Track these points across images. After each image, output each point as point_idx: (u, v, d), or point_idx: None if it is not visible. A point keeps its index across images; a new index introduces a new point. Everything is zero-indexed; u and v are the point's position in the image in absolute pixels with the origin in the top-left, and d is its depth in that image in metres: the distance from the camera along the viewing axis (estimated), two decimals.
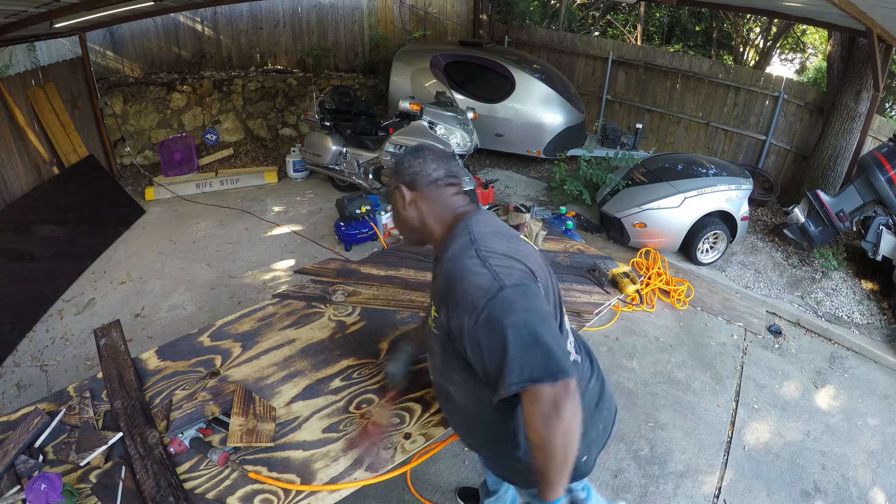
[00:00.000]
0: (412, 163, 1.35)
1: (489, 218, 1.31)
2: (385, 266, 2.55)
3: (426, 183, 1.33)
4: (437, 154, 1.37)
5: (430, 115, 4.77)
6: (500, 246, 1.17)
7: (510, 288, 1.07)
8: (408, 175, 1.34)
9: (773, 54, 12.50)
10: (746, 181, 4.62)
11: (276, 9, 7.26)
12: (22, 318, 3.60)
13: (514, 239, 1.24)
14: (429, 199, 1.34)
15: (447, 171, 1.35)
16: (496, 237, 1.21)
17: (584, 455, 1.36)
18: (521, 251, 1.19)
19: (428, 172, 1.33)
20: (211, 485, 1.45)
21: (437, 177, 1.34)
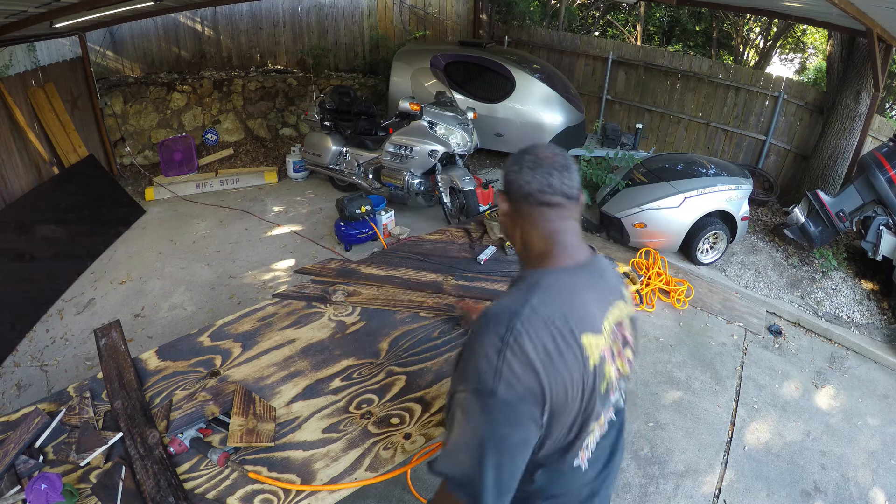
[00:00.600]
0: (510, 167, 1.09)
1: (571, 282, 1.02)
2: (385, 266, 2.55)
3: (518, 196, 1.08)
4: (538, 160, 1.06)
5: (430, 115, 4.77)
6: (533, 347, 0.91)
7: (498, 400, 0.90)
8: (506, 181, 1.11)
9: (773, 54, 12.50)
10: (746, 181, 4.62)
11: (276, 9, 7.26)
12: (22, 318, 3.60)
13: (563, 345, 0.94)
14: (522, 215, 1.09)
15: (542, 186, 1.04)
16: (549, 324, 0.93)
17: None
18: (555, 365, 0.92)
19: (520, 183, 1.06)
20: (211, 485, 1.45)
21: (528, 191, 1.05)
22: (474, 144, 4.94)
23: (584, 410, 0.99)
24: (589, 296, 1.02)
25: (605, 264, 1.12)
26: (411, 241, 2.85)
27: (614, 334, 1.06)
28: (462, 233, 2.95)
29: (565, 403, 0.95)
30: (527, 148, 1.11)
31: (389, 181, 5.10)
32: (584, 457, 1.09)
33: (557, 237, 1.07)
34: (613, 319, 1.06)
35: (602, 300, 1.05)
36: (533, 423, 0.93)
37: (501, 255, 2.72)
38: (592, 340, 0.98)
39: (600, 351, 1.00)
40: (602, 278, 1.08)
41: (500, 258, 2.69)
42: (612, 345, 1.04)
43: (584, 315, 0.99)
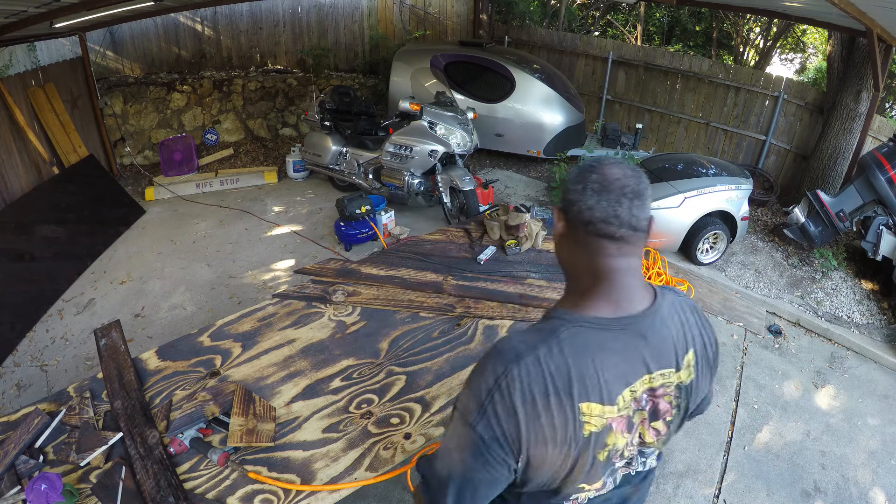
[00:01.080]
0: (573, 185, 0.92)
1: (596, 341, 0.90)
2: (385, 266, 2.55)
3: (576, 221, 0.92)
4: (606, 182, 0.89)
5: (430, 115, 4.77)
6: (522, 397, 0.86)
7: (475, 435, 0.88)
8: (565, 199, 0.95)
9: (773, 54, 12.50)
10: (746, 181, 4.62)
11: (276, 9, 7.26)
12: (22, 318, 3.60)
13: (556, 404, 0.87)
14: (577, 242, 0.94)
15: (607, 216, 0.88)
16: (548, 380, 0.87)
17: None
18: (540, 421, 0.86)
19: (581, 207, 0.90)
20: (211, 485, 1.45)
21: (588, 219, 0.89)
22: (474, 144, 4.94)
23: (570, 472, 0.93)
24: (612, 361, 0.90)
25: (660, 320, 0.95)
26: (411, 241, 2.85)
27: (638, 403, 0.94)
28: (462, 233, 2.95)
29: (544, 459, 0.90)
30: (594, 165, 0.93)
31: (389, 181, 5.10)
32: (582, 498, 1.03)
33: (611, 277, 0.92)
34: (645, 387, 0.94)
35: (634, 367, 0.92)
36: (502, 467, 0.89)
37: (501, 255, 2.72)
38: (595, 409, 0.89)
39: (605, 421, 0.91)
40: (645, 340, 0.92)
41: (500, 258, 2.69)
42: (632, 414, 0.94)
43: (593, 382, 0.88)
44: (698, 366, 1.00)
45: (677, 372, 0.97)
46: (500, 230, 2.85)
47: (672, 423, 1.01)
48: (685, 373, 0.98)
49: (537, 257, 2.72)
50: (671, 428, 1.02)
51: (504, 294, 2.37)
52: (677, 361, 0.96)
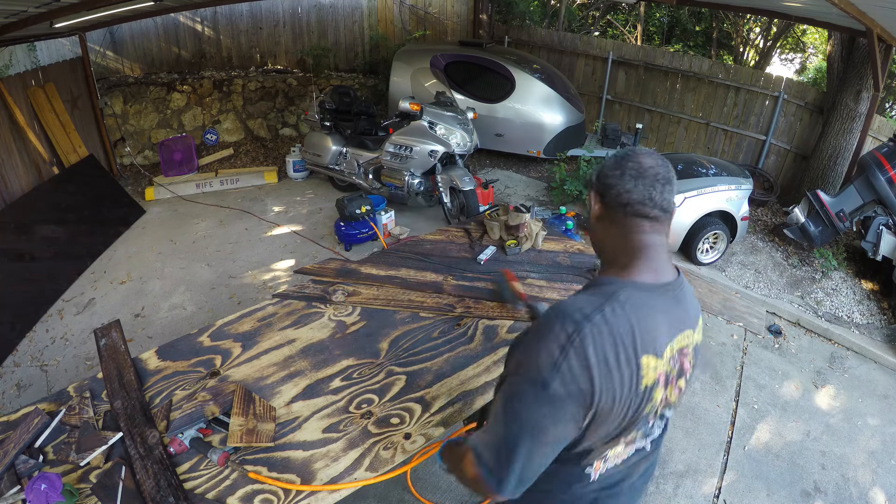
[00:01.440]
0: (610, 171, 1.05)
1: (648, 300, 1.00)
2: (385, 266, 2.55)
3: (615, 203, 1.04)
4: (642, 169, 1.02)
5: (430, 115, 4.77)
6: (595, 353, 0.92)
7: (549, 393, 0.93)
8: (602, 185, 1.07)
9: (773, 54, 12.50)
10: (746, 181, 4.62)
11: (276, 9, 7.26)
12: (22, 318, 3.60)
13: (624, 360, 0.94)
14: (615, 223, 1.06)
15: (643, 198, 1.01)
16: (616, 336, 0.94)
17: None
18: (611, 376, 0.93)
19: (619, 191, 1.03)
20: (211, 485, 1.45)
21: (626, 201, 1.02)
22: (474, 144, 4.94)
23: (622, 426, 1.01)
24: (660, 318, 1.01)
25: (685, 289, 1.10)
26: (411, 241, 2.85)
27: (674, 361, 1.04)
28: (462, 233, 2.95)
29: (609, 414, 0.96)
30: (630, 153, 1.06)
31: (389, 181, 5.10)
32: (598, 468, 1.10)
33: (647, 252, 1.05)
34: (678, 346, 1.05)
35: (672, 325, 1.04)
36: (573, 424, 0.95)
37: (501, 255, 2.72)
38: (651, 362, 0.98)
39: (657, 374, 0.99)
40: (679, 303, 1.06)
41: (500, 258, 2.69)
42: (669, 370, 1.03)
43: (650, 336, 0.98)
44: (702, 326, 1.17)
45: (695, 333, 1.11)
46: (500, 230, 2.85)
47: (690, 381, 1.13)
48: (699, 335, 1.13)
49: (537, 257, 2.72)
50: (686, 387, 1.13)
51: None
52: (695, 323, 1.11)
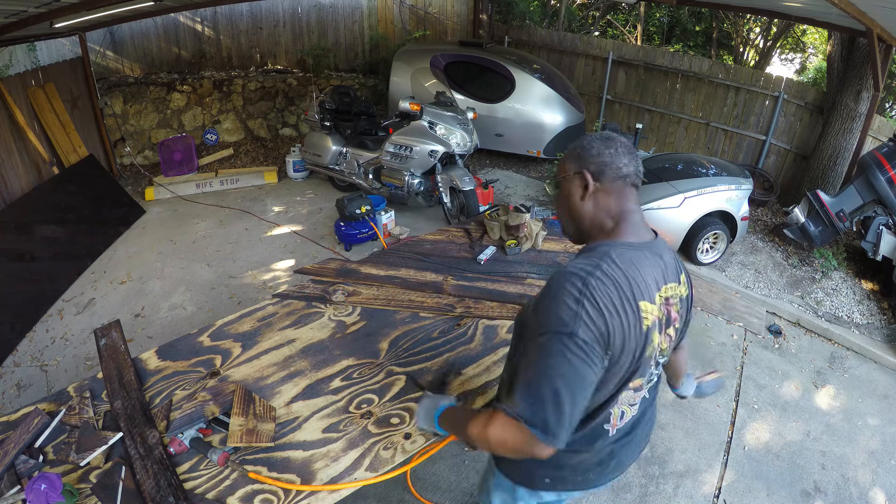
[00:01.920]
0: (603, 151, 1.20)
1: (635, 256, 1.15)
2: (385, 266, 2.55)
3: (615, 176, 1.19)
4: (628, 148, 1.22)
5: (430, 115, 4.77)
6: (604, 300, 1.05)
7: (577, 340, 1.03)
8: (595, 163, 1.20)
9: (773, 54, 12.50)
10: (746, 181, 4.62)
11: (276, 9, 7.26)
12: (22, 318, 3.60)
13: (626, 303, 1.08)
14: (609, 193, 1.21)
15: (636, 170, 1.22)
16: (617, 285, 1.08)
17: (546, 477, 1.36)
18: (619, 318, 1.07)
19: (619, 165, 1.19)
20: (211, 485, 1.45)
21: (626, 173, 1.20)
22: (474, 144, 4.94)
23: (631, 367, 1.14)
24: (648, 270, 1.15)
25: (664, 247, 1.25)
26: (411, 241, 2.85)
27: (663, 308, 1.19)
28: (462, 233, 2.95)
29: (620, 356, 1.10)
30: (609, 135, 1.23)
31: (389, 181, 5.10)
32: (615, 423, 1.26)
33: (632, 215, 1.21)
34: (665, 295, 1.19)
35: (658, 276, 1.18)
36: (600, 365, 1.07)
37: (501, 255, 2.72)
38: (648, 307, 1.13)
39: (653, 318, 1.14)
40: (661, 258, 1.21)
41: (500, 258, 2.69)
42: (661, 316, 1.18)
43: (643, 284, 1.13)
44: (689, 283, 1.32)
45: (680, 286, 1.25)
46: (500, 230, 2.85)
47: (679, 331, 1.28)
48: (684, 287, 1.28)
49: (537, 257, 2.72)
50: (677, 335, 1.28)
51: (504, 294, 2.37)
52: (679, 277, 1.26)
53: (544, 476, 1.36)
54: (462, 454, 2.68)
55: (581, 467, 1.33)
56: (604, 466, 1.35)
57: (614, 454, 1.34)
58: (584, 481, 1.37)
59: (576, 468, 1.33)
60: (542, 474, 1.35)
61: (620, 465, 1.40)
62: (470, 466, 2.61)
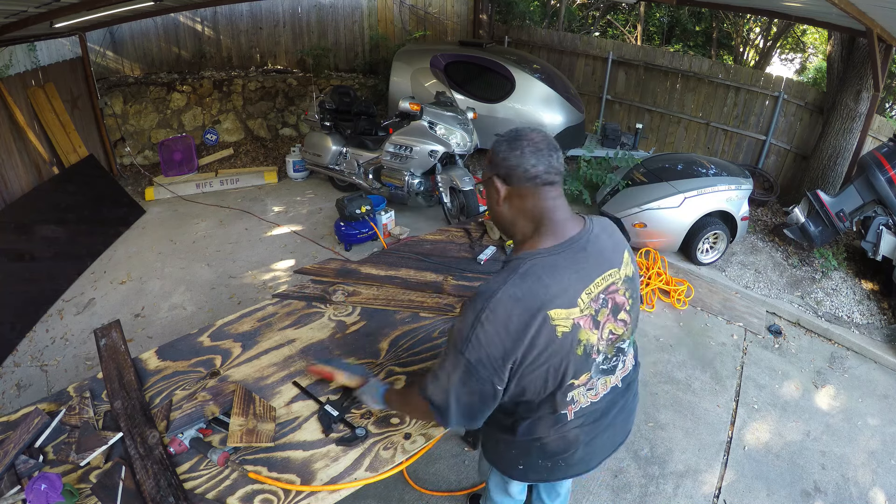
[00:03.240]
0: (508, 154, 1.19)
1: (550, 263, 1.17)
2: (385, 266, 2.55)
3: (523, 178, 1.18)
4: (537, 145, 1.18)
5: (430, 115, 4.77)
6: (501, 321, 1.12)
7: (465, 359, 1.16)
8: (503, 167, 1.20)
9: (773, 54, 12.50)
10: (746, 181, 4.62)
11: (276, 9, 7.26)
12: (22, 318, 3.60)
13: (529, 318, 1.12)
14: (524, 196, 1.20)
15: (547, 168, 1.18)
16: (515, 307, 1.12)
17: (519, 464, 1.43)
18: (521, 335, 1.12)
19: (526, 167, 1.17)
20: (211, 485, 1.45)
21: (535, 173, 1.17)
22: (474, 144, 4.94)
23: (557, 369, 1.18)
24: (564, 274, 1.16)
25: (594, 236, 1.24)
26: (411, 241, 2.85)
27: (597, 302, 1.20)
28: (462, 233, 2.95)
29: (536, 363, 1.15)
30: (518, 134, 1.21)
31: (389, 181, 5.10)
32: (570, 409, 1.29)
33: (552, 214, 1.21)
34: (599, 289, 1.21)
35: (583, 274, 1.19)
36: (488, 384, 1.17)
37: (501, 255, 2.72)
38: (561, 314, 1.14)
39: (572, 321, 1.16)
40: (585, 252, 1.21)
41: (500, 258, 2.69)
42: (594, 313, 1.20)
43: (554, 292, 1.14)
44: (631, 258, 1.33)
45: (620, 269, 1.26)
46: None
47: (632, 311, 1.30)
48: (626, 268, 1.28)
49: None
50: (632, 315, 1.31)
51: None
52: (617, 261, 1.26)
53: (517, 462, 1.42)
54: (462, 454, 2.68)
55: (547, 451, 1.36)
56: (571, 452, 1.37)
57: (579, 440, 1.36)
58: (553, 468, 1.40)
59: (542, 452, 1.37)
60: (514, 461, 1.42)
61: (593, 453, 1.41)
62: (470, 466, 2.62)
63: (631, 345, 1.37)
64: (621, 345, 1.30)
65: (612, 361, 1.31)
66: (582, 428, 1.34)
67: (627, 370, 1.39)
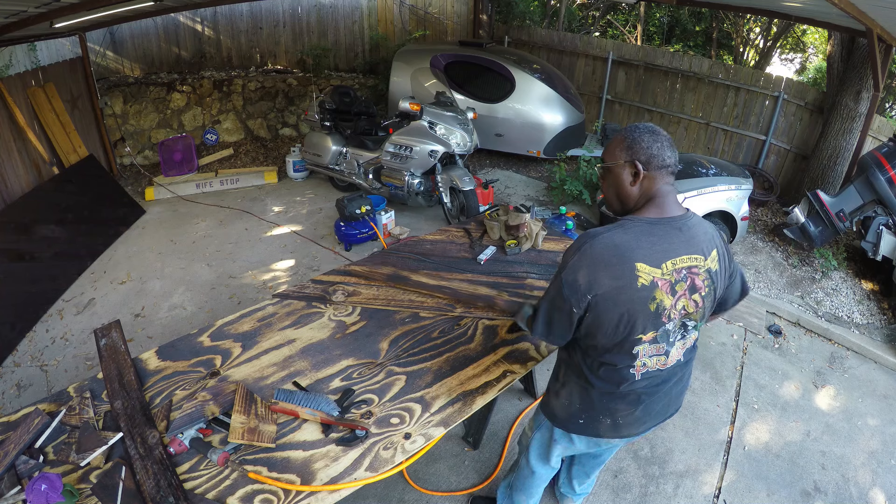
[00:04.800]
0: (652, 144, 1.42)
1: (648, 228, 1.38)
2: (385, 266, 2.55)
3: (659, 166, 1.42)
4: (670, 141, 1.45)
5: (430, 115, 4.77)
6: (594, 257, 1.35)
7: (561, 278, 1.41)
8: (645, 154, 1.42)
9: (773, 54, 12.50)
10: (746, 181, 4.61)
11: (276, 9, 7.26)
12: (22, 318, 3.60)
13: (618, 262, 1.34)
14: (653, 179, 1.43)
15: (676, 160, 1.45)
16: (609, 250, 1.35)
17: (581, 418, 1.61)
18: (607, 272, 1.34)
19: (663, 157, 1.42)
20: (211, 485, 1.45)
21: (669, 163, 1.42)
22: (474, 144, 4.94)
23: (629, 316, 1.36)
24: (656, 240, 1.37)
25: (692, 223, 1.43)
26: (411, 241, 2.85)
27: (678, 274, 1.38)
28: (462, 233, 2.95)
29: (611, 302, 1.35)
30: (653, 128, 1.45)
31: (389, 181, 5.10)
32: (638, 369, 1.47)
33: (663, 196, 1.43)
34: (683, 264, 1.39)
35: (672, 246, 1.38)
36: (569, 303, 1.40)
37: (501, 255, 2.72)
38: (645, 268, 1.34)
39: (651, 277, 1.35)
40: (680, 231, 1.40)
41: (500, 258, 2.69)
42: (674, 282, 1.37)
43: (644, 251, 1.35)
44: (721, 259, 1.48)
45: (706, 259, 1.43)
46: (500, 230, 2.86)
47: (706, 299, 1.45)
48: (712, 262, 1.45)
49: (537, 257, 2.72)
50: (706, 303, 1.46)
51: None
52: (705, 252, 1.43)
53: (579, 417, 1.60)
54: (462, 454, 2.68)
55: (610, 407, 1.54)
56: (631, 410, 1.55)
57: (641, 400, 1.54)
58: (612, 425, 1.58)
59: (606, 409, 1.55)
60: (578, 415, 1.60)
61: (647, 415, 1.58)
62: (470, 467, 2.62)
63: (696, 329, 1.52)
64: (688, 322, 1.45)
65: (678, 334, 1.46)
66: (646, 390, 1.52)
67: (688, 347, 1.54)
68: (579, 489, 2.15)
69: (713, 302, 1.49)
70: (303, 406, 1.67)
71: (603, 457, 2.01)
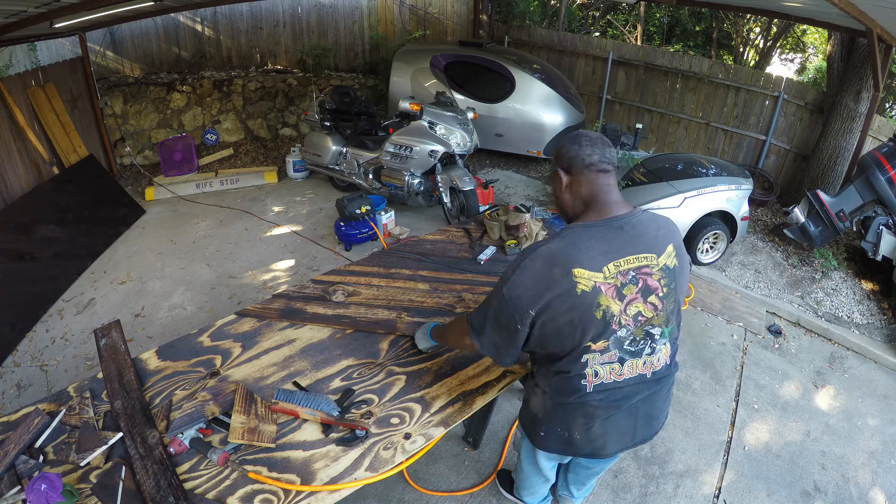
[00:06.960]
0: (570, 147, 1.43)
1: (586, 233, 1.36)
2: (385, 266, 2.55)
3: (581, 167, 1.42)
4: (591, 139, 1.43)
5: (430, 115, 4.77)
6: (535, 270, 1.34)
7: (503, 293, 1.39)
8: (566, 160, 1.44)
9: (773, 54, 12.50)
10: (746, 181, 4.61)
11: (276, 9, 7.26)
12: (22, 318, 3.60)
13: (556, 271, 1.31)
14: (581, 182, 1.43)
15: (601, 157, 1.41)
16: (548, 261, 1.33)
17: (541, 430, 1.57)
18: (546, 283, 1.32)
19: (582, 157, 1.41)
20: (211, 485, 1.45)
21: (591, 161, 1.41)
22: (474, 144, 4.94)
23: (575, 325, 1.32)
24: (594, 244, 1.34)
25: (637, 221, 1.39)
26: (411, 241, 2.85)
27: (624, 276, 1.33)
28: (462, 233, 2.95)
29: (554, 313, 1.32)
30: (578, 133, 1.45)
31: (389, 181, 5.10)
32: (590, 381, 1.40)
33: (601, 196, 1.41)
34: (629, 265, 1.34)
35: (612, 247, 1.34)
36: (514, 320, 1.37)
37: (501, 255, 2.72)
38: (584, 273, 1.30)
39: (592, 283, 1.31)
40: (622, 230, 1.37)
41: (500, 258, 2.69)
42: (620, 285, 1.33)
43: (581, 256, 1.32)
44: (679, 255, 1.44)
45: (659, 257, 1.38)
46: (500, 230, 2.85)
47: (666, 300, 1.40)
48: (668, 259, 1.40)
49: None
50: (666, 304, 1.40)
51: None
52: (657, 249, 1.38)
53: (540, 428, 1.56)
54: (462, 454, 2.68)
55: (566, 418, 1.48)
56: (587, 425, 1.47)
57: (596, 414, 1.45)
58: (571, 441, 1.51)
59: (562, 419, 1.49)
60: (538, 425, 1.56)
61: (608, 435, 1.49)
62: (470, 467, 2.62)
63: (665, 337, 1.44)
64: (651, 329, 1.39)
65: (639, 344, 1.39)
66: (601, 404, 1.44)
67: (660, 364, 1.46)
68: (577, 493, 2.14)
69: (676, 302, 1.43)
70: (303, 406, 1.67)
71: (595, 468, 1.93)
